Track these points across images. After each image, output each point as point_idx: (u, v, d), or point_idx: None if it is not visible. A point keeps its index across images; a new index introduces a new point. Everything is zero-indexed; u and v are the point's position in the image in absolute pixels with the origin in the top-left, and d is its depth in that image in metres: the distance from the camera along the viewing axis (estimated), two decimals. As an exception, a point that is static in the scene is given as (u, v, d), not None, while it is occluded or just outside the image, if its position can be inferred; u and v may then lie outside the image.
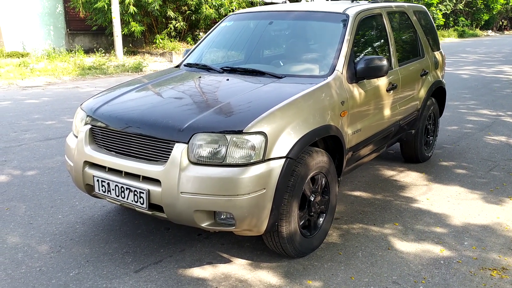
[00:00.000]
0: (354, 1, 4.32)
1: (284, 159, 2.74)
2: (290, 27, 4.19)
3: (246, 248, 3.26)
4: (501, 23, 46.88)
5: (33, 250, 3.22)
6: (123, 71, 13.12)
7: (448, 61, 5.64)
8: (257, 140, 2.67)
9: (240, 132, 2.65)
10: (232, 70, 3.71)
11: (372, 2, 4.39)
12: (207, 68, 3.89)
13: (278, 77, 3.45)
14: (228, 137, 2.65)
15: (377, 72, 3.50)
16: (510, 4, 42.10)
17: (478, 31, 39.56)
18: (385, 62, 3.49)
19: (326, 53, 3.70)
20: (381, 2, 4.56)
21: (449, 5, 34.76)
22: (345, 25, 3.70)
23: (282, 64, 3.88)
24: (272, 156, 2.71)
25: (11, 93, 9.51)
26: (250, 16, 4.46)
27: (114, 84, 10.51)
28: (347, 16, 3.77)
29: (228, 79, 3.53)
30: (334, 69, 3.43)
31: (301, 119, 2.95)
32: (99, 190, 3.00)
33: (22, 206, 3.94)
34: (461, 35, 35.46)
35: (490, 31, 42.67)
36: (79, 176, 3.10)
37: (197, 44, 4.45)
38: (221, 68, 3.76)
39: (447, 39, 31.43)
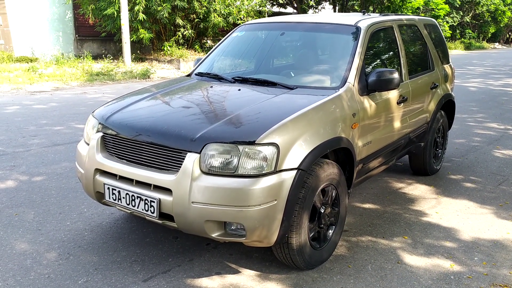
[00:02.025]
0: (366, 14, 4.33)
1: (295, 171, 2.74)
2: (302, 38, 4.20)
3: (255, 259, 3.25)
4: (508, 35, 46.89)
5: (41, 257, 3.22)
6: (131, 78, 13.19)
7: (455, 74, 5.64)
8: (269, 151, 2.67)
9: (252, 143, 2.65)
10: (243, 80, 3.72)
11: (383, 15, 4.41)
12: (218, 78, 3.90)
13: (290, 88, 3.45)
14: (241, 147, 2.65)
15: (388, 84, 3.50)
16: (517, 17, 42.07)
17: (485, 43, 39.60)
18: (396, 75, 3.49)
19: (337, 65, 3.70)
20: (392, 15, 4.58)
21: (456, 17, 34.83)
22: (357, 38, 3.71)
23: (293, 75, 3.89)
24: (283, 168, 2.71)
25: (20, 98, 9.58)
26: (261, 26, 4.48)
27: (121, 90, 10.58)
28: (359, 28, 3.78)
29: (239, 89, 3.54)
30: (345, 81, 3.44)
31: (313, 131, 2.94)
32: (109, 198, 3.00)
33: (30, 212, 3.95)
34: (468, 47, 35.48)
35: (497, 43, 42.68)
36: (89, 183, 3.11)
37: (208, 53, 4.47)
38: (232, 78, 3.77)
39: (454, 51, 31.43)
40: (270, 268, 3.13)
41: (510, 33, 47.13)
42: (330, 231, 3.24)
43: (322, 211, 3.08)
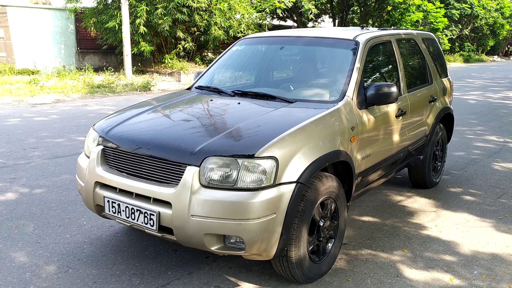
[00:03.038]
0: (364, 28, 4.38)
1: (294, 184, 2.75)
2: (301, 52, 4.25)
3: (254, 272, 3.24)
4: (507, 48, 47.16)
5: (40, 270, 3.21)
6: (132, 90, 13.25)
7: (454, 86, 5.72)
8: (268, 164, 2.68)
9: (251, 156, 2.67)
10: (243, 94, 3.75)
11: (382, 30, 4.45)
12: (218, 91, 3.93)
13: (289, 101, 3.48)
14: (240, 161, 2.67)
15: (387, 98, 3.53)
16: (516, 30, 42.34)
17: (484, 56, 39.81)
18: (395, 89, 3.52)
19: (336, 78, 3.74)
20: (390, 29, 4.63)
21: (455, 30, 35.06)
22: (355, 52, 3.75)
23: (292, 88, 3.92)
24: (282, 181, 2.72)
25: (21, 110, 9.62)
26: (261, 40, 4.52)
27: (122, 102, 10.63)
28: (358, 43, 3.82)
29: (239, 103, 3.57)
30: (344, 95, 3.47)
31: (312, 144, 2.96)
32: (109, 211, 3.01)
33: (30, 224, 3.95)
34: (467, 60, 35.66)
35: (496, 56, 42.91)
36: (89, 196, 3.12)
37: (208, 67, 4.51)
38: (232, 92, 3.80)
39: (453, 64, 31.59)
40: (269, 282, 3.13)
41: (509, 46, 47.41)
42: (329, 244, 3.24)
43: (321, 224, 3.09)
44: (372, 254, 3.57)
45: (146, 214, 2.80)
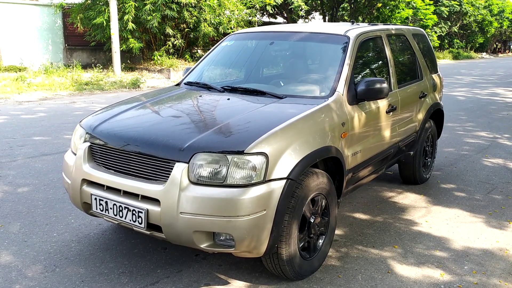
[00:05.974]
0: (354, 24, 4.36)
1: (285, 180, 2.72)
2: (291, 48, 4.21)
3: (244, 269, 3.21)
4: (495, 45, 47.61)
5: (27, 269, 3.15)
6: (121, 87, 13.14)
7: (443, 83, 5.73)
8: (258, 160, 2.65)
9: (241, 152, 2.64)
10: (232, 89, 3.71)
11: (372, 25, 4.44)
12: (207, 87, 3.89)
13: (279, 97, 3.44)
14: (229, 157, 2.63)
15: (377, 94, 3.51)
16: (504, 27, 42.80)
17: (472, 53, 40.17)
18: (385, 85, 3.49)
19: (327, 74, 3.71)
20: (380, 25, 4.61)
21: (444, 27, 35.29)
22: (346, 47, 3.72)
23: (282, 84, 3.88)
24: (273, 177, 2.69)
25: (8, 108, 9.48)
26: (251, 36, 4.48)
27: (110, 99, 10.52)
28: (348, 38, 3.79)
29: (228, 99, 3.52)
30: (334, 91, 3.44)
31: (302, 140, 2.93)
32: (96, 209, 2.96)
33: (16, 223, 3.88)
34: (456, 57, 35.95)
35: (484, 53, 43.31)
36: (76, 194, 3.06)
37: (197, 62, 4.45)
38: (221, 87, 3.76)
39: (442, 61, 31.81)
40: (260, 279, 3.10)
41: (497, 43, 47.87)
42: (320, 241, 3.21)
43: (312, 221, 3.06)
44: (363, 250, 3.55)
45: (134, 212, 2.75)
